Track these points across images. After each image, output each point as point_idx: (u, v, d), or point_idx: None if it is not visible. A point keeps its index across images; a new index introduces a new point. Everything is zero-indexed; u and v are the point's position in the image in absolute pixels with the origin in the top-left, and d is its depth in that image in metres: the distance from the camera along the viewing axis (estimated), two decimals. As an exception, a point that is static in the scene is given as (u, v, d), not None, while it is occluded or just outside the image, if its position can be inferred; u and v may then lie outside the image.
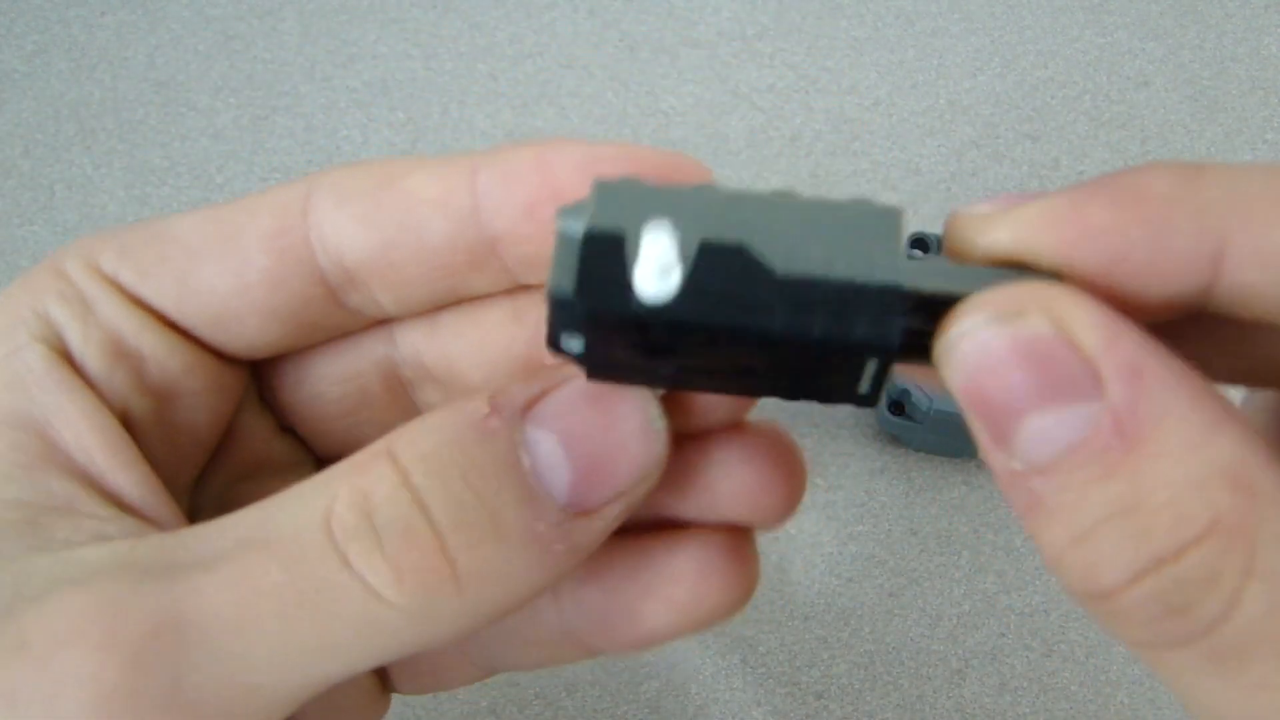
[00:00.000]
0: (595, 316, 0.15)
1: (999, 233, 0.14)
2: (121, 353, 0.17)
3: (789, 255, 0.15)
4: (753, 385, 0.16)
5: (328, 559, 0.15)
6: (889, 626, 0.38)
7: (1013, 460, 0.13)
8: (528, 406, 0.16)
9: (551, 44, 0.46)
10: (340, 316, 0.18)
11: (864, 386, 0.15)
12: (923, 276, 0.15)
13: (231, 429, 0.20)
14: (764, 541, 0.32)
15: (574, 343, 0.15)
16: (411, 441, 0.15)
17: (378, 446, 0.16)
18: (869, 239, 0.15)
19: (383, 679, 0.21)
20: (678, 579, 0.18)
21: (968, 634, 0.38)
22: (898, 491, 0.39)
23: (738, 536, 0.19)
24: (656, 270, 0.14)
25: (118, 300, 0.17)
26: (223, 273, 0.17)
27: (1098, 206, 0.13)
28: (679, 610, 0.18)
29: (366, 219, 0.17)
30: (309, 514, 0.15)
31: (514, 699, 0.36)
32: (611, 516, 0.16)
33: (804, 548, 0.39)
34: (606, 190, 0.15)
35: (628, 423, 0.16)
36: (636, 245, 0.15)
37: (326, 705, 0.19)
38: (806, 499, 0.23)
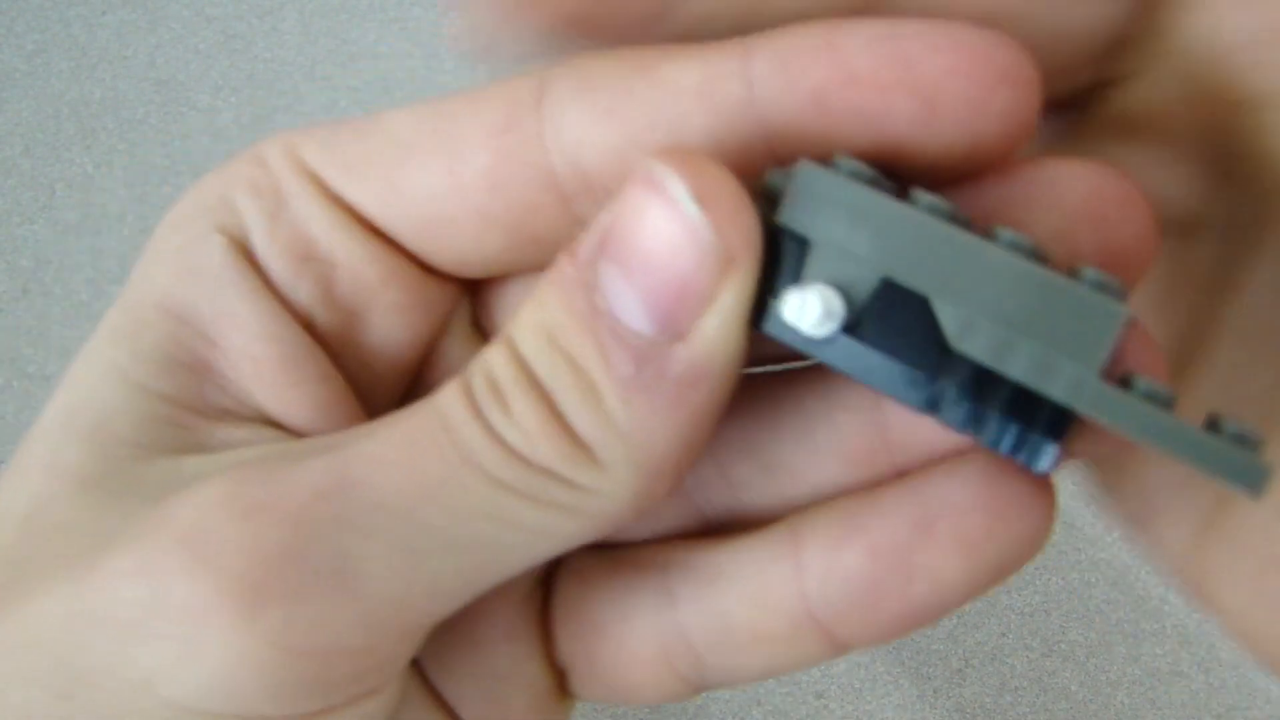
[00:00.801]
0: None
1: None
2: (311, 256, 0.16)
3: (970, 325, 0.12)
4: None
5: (471, 423, 0.14)
6: (889, 626, 0.38)
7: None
8: (604, 242, 0.13)
9: (552, 43, 0.46)
10: (573, 233, 0.15)
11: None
12: (1113, 411, 0.12)
13: (438, 357, 0.17)
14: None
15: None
16: (520, 311, 0.14)
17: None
18: (1070, 335, 0.12)
19: (561, 678, 0.18)
20: (965, 508, 0.15)
21: (968, 634, 0.38)
22: (898, 491, 0.39)
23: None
24: (813, 318, 0.13)
25: (315, 196, 0.16)
26: (436, 170, 0.15)
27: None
28: (972, 550, 0.15)
29: (612, 111, 0.14)
30: (452, 388, 0.14)
31: (514, 698, 0.36)
32: (714, 330, 0.13)
33: (804, 547, 0.39)
34: (808, 178, 0.13)
35: (670, 227, 0.13)
36: (815, 259, 0.13)
37: (494, 699, 0.18)
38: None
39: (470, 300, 0.18)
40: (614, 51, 0.15)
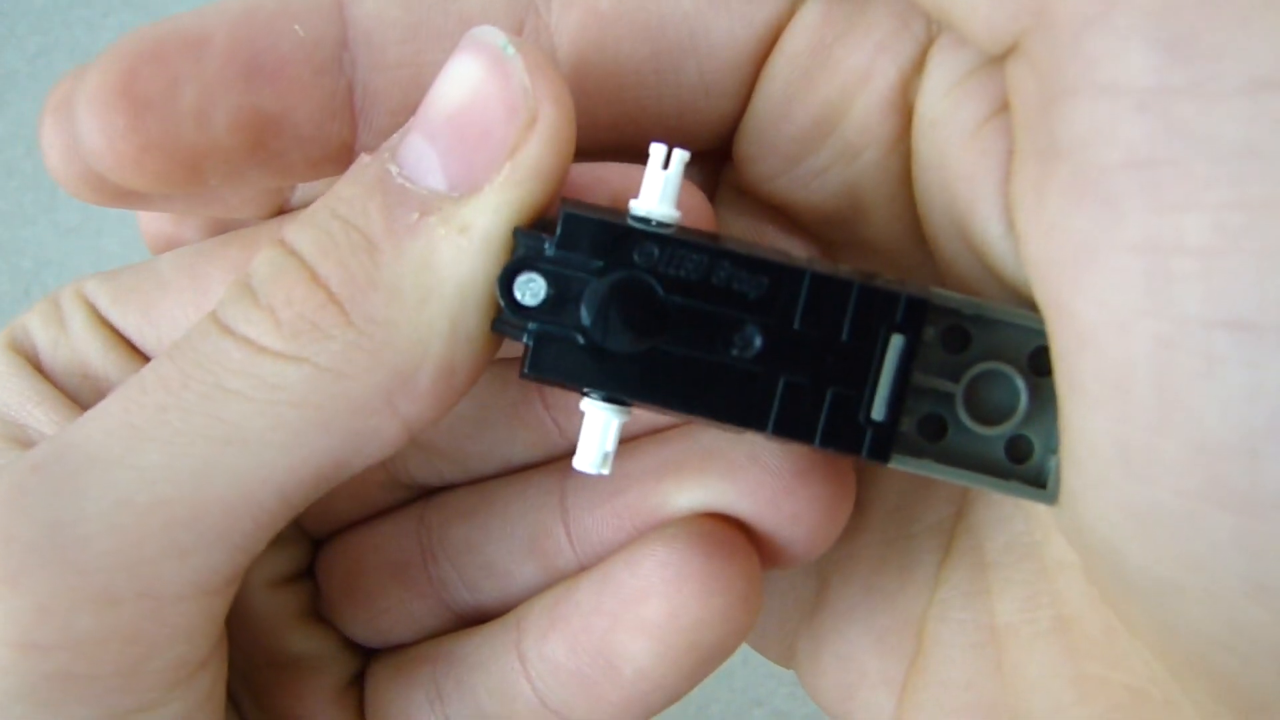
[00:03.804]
0: (577, 226, 0.13)
1: None
2: (88, 375, 0.17)
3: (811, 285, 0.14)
4: (730, 403, 0.14)
5: (209, 335, 0.13)
6: (890, 626, 0.38)
7: None
8: (413, 121, 0.14)
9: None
10: None
11: (877, 407, 0.13)
12: (948, 295, 0.14)
13: None
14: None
15: (532, 288, 0.13)
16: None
17: None
18: (881, 280, 0.14)
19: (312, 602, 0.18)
20: (643, 595, 0.15)
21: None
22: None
23: (722, 526, 0.16)
24: (662, 194, 0.14)
25: (88, 321, 0.17)
26: (185, 304, 0.16)
27: None
28: (658, 635, 0.15)
29: None
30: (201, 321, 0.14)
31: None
32: (511, 187, 0.13)
33: (805, 547, 0.38)
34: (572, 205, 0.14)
35: (481, 70, 0.13)
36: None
37: None
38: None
39: None
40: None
